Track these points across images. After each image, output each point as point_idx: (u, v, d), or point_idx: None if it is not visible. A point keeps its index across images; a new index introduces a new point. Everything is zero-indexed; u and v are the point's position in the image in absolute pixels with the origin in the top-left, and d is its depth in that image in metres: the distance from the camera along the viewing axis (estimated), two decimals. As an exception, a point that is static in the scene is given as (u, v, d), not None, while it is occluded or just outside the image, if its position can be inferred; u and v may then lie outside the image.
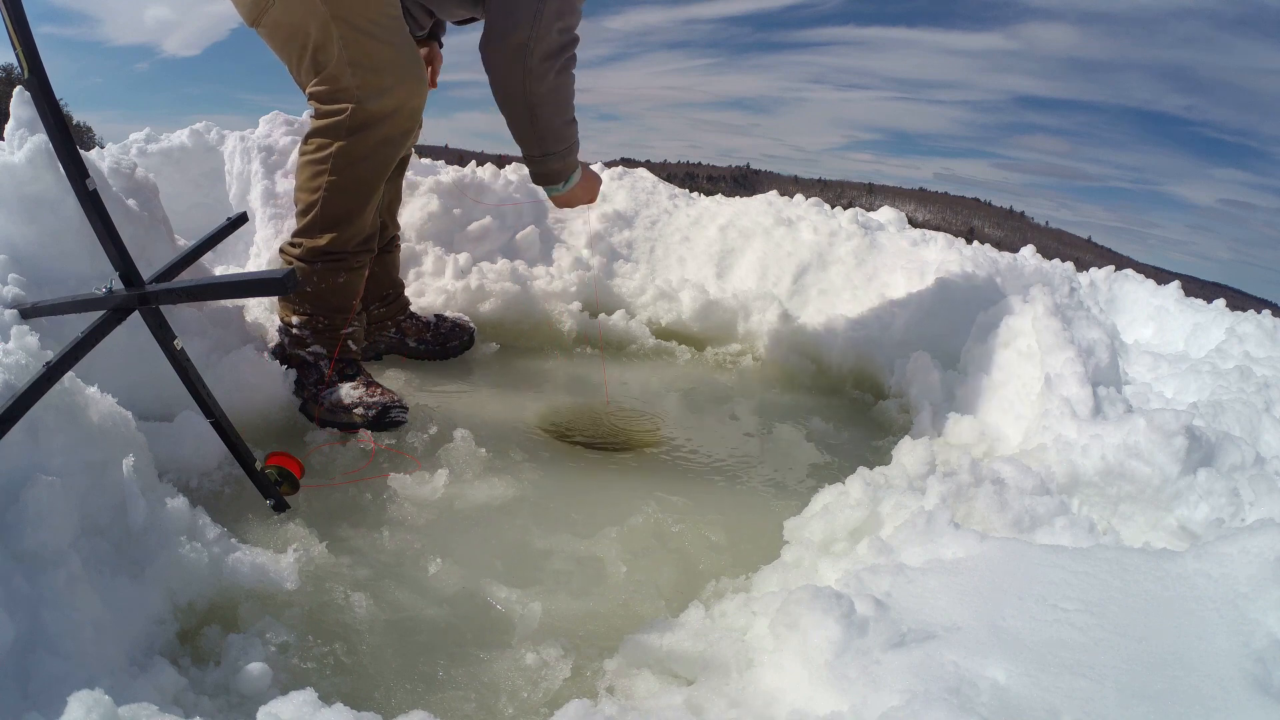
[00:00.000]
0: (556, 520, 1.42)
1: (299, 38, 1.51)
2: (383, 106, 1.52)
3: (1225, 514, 1.37)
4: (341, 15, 1.47)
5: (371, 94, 1.51)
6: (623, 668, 1.03)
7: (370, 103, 1.51)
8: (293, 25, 1.51)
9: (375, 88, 1.51)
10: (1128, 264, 4.60)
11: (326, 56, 1.50)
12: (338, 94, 1.52)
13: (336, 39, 1.48)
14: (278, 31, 1.55)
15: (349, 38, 1.48)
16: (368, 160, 1.57)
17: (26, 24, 1.02)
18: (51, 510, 0.89)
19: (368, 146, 1.55)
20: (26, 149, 1.31)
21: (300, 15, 1.49)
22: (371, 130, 1.54)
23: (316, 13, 1.47)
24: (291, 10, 1.49)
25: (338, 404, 1.62)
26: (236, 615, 1.05)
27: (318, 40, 1.49)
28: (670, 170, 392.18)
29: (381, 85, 1.51)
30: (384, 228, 2.01)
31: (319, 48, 1.50)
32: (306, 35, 1.50)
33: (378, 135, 1.55)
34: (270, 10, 1.52)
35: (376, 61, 1.50)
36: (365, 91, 1.51)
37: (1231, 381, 2.46)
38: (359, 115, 1.51)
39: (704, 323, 2.59)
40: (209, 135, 3.12)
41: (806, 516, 1.34)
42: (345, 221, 1.61)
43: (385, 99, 1.52)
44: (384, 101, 1.52)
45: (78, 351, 1.06)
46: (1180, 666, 0.79)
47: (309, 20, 1.48)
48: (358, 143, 1.54)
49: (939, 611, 0.92)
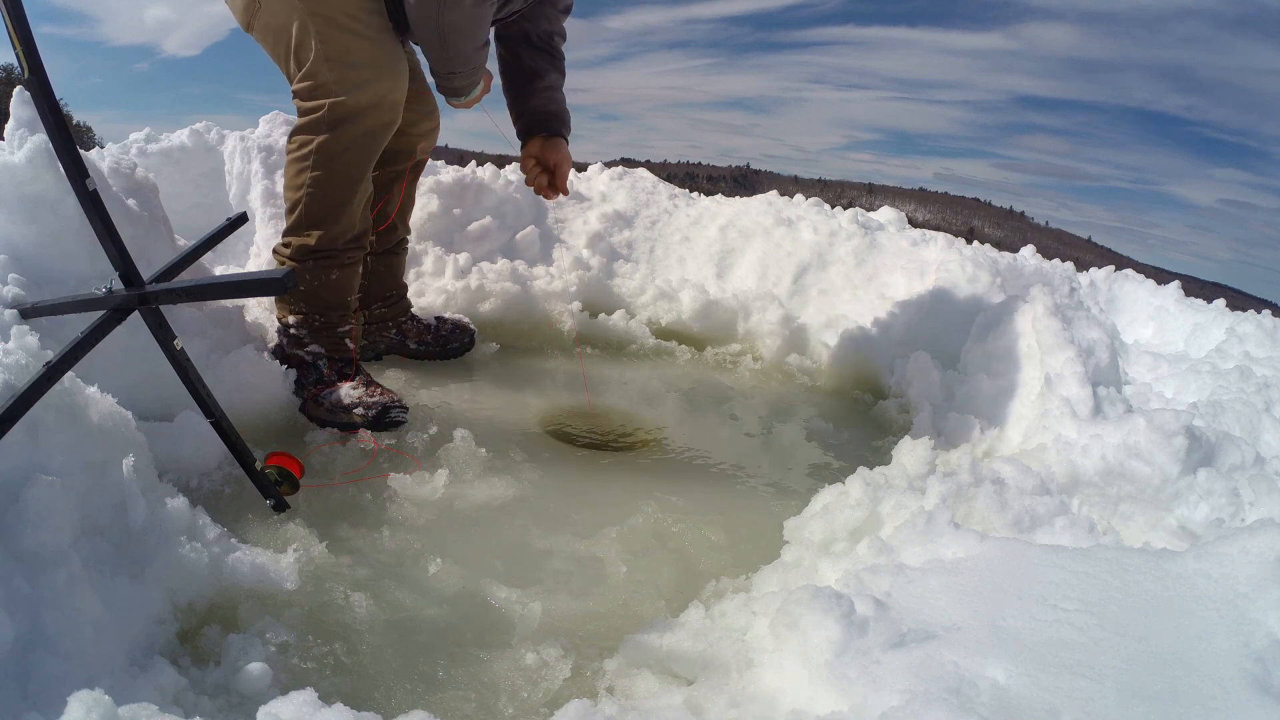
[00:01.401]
0: (556, 520, 1.42)
1: (284, 38, 1.54)
2: (360, 100, 1.53)
3: (1225, 514, 1.37)
4: (316, 11, 1.49)
5: (349, 88, 1.52)
6: (623, 668, 1.03)
7: (348, 96, 1.52)
8: (278, 26, 1.54)
9: (352, 82, 1.52)
10: (1128, 264, 4.60)
11: (306, 54, 1.52)
12: (317, 90, 1.53)
13: (313, 35, 1.50)
14: (266, 34, 1.58)
15: (325, 33, 1.50)
16: (349, 154, 1.57)
17: (26, 24, 1.02)
18: (51, 510, 0.89)
19: (348, 140, 1.56)
20: (26, 149, 1.31)
21: (283, 15, 1.52)
22: (351, 124, 1.54)
23: (294, 11, 1.50)
24: (275, 11, 1.52)
25: (337, 404, 1.62)
26: (236, 615, 1.05)
27: (297, 38, 1.52)
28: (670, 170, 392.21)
29: (359, 79, 1.52)
30: (393, 229, 2.02)
31: (299, 45, 1.52)
32: (289, 35, 1.52)
33: (358, 129, 1.55)
34: (259, 13, 1.55)
35: (354, 56, 1.52)
36: (342, 86, 1.52)
37: (1231, 381, 2.46)
38: (338, 110, 1.52)
39: (704, 323, 2.59)
40: (209, 135, 3.13)
41: (806, 516, 1.34)
42: (331, 218, 1.61)
43: (363, 93, 1.53)
44: (361, 95, 1.53)
45: (78, 351, 1.06)
46: (1180, 666, 0.79)
47: (290, 19, 1.51)
48: (338, 137, 1.54)
49: (939, 611, 0.92)
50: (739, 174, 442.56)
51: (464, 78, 1.73)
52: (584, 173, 3.46)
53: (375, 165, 1.94)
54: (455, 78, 1.72)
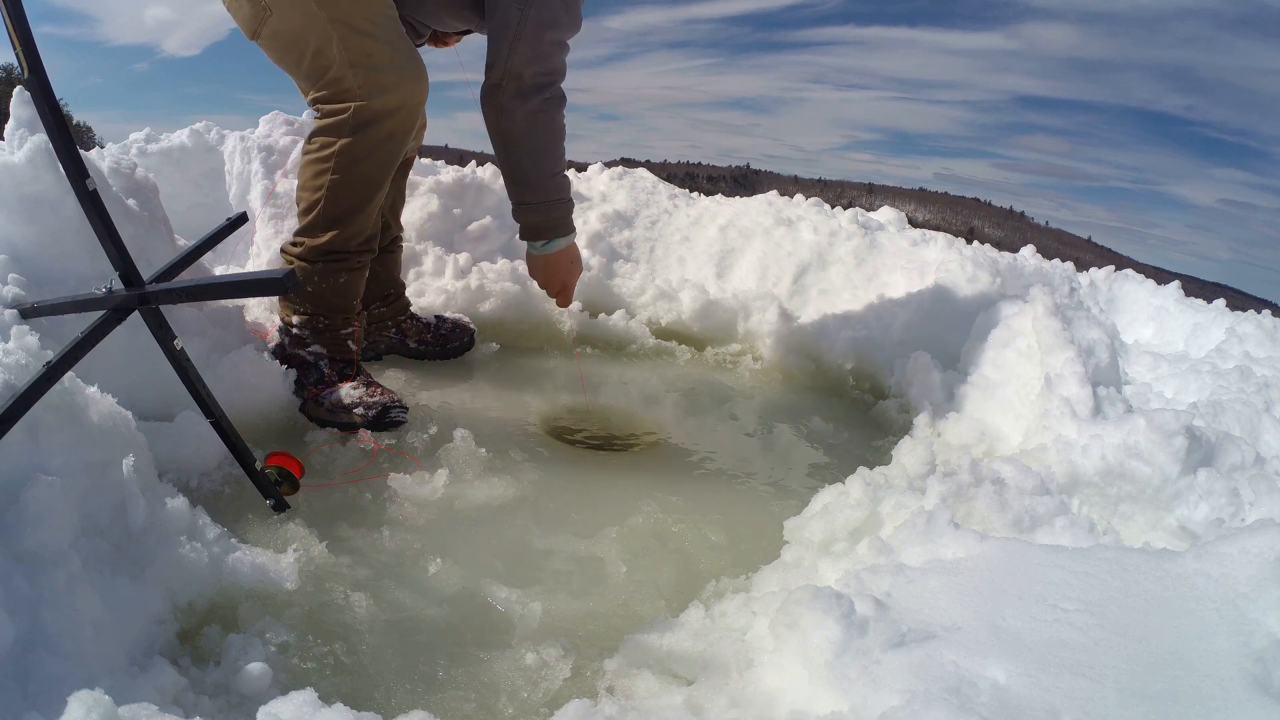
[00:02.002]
0: (556, 520, 1.42)
1: (298, 45, 1.54)
2: (385, 104, 1.54)
3: (1225, 514, 1.37)
4: (338, 17, 1.49)
5: (374, 92, 1.52)
6: (623, 668, 1.03)
7: (373, 100, 1.52)
8: (291, 33, 1.53)
9: (377, 86, 1.52)
10: (1128, 264, 4.61)
11: (327, 60, 1.52)
12: (341, 94, 1.53)
13: (336, 41, 1.50)
14: (276, 41, 1.58)
15: (347, 39, 1.50)
16: (371, 158, 1.58)
17: (26, 24, 1.01)
18: (51, 510, 0.89)
19: (371, 144, 1.56)
20: (26, 149, 1.31)
21: (298, 23, 1.51)
22: (374, 127, 1.55)
23: (314, 18, 1.49)
24: (289, 19, 1.52)
25: (338, 404, 1.62)
26: (236, 615, 1.05)
27: (317, 45, 1.52)
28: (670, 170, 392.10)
29: (383, 83, 1.53)
30: (387, 228, 2.01)
31: (318, 52, 1.52)
32: (305, 42, 1.52)
33: (381, 132, 1.56)
34: (269, 21, 1.54)
35: (376, 60, 1.52)
36: (368, 90, 1.52)
37: (1231, 381, 2.46)
38: (363, 113, 1.53)
39: (704, 323, 2.59)
40: (209, 135, 3.13)
41: (806, 516, 1.34)
42: (347, 220, 1.61)
43: (388, 96, 1.54)
44: (387, 99, 1.54)
45: (78, 351, 1.06)
46: (1180, 666, 0.79)
47: (307, 26, 1.50)
48: (361, 140, 1.55)
49: (939, 611, 0.92)
50: (739, 174, 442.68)
51: (536, 212, 1.66)
52: (584, 173, 3.46)
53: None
54: (525, 210, 1.66)
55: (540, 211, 1.69)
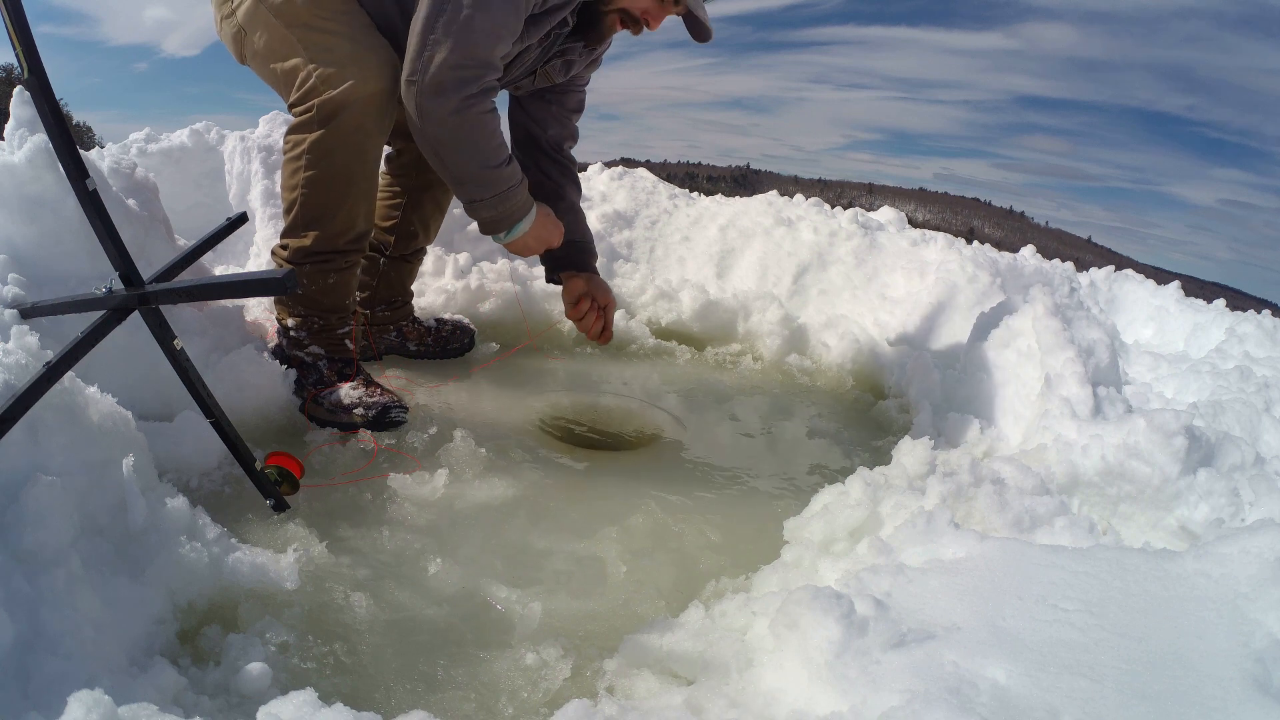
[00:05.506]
0: (556, 520, 1.42)
1: (272, 61, 1.58)
2: (348, 94, 1.52)
3: (1225, 514, 1.37)
4: (295, 22, 1.53)
5: (336, 83, 1.52)
6: (623, 668, 1.03)
7: (334, 91, 1.52)
8: (265, 49, 1.58)
9: (339, 77, 1.52)
10: (1128, 264, 4.61)
11: (294, 64, 1.55)
12: (309, 93, 1.54)
13: (299, 48, 1.54)
14: (257, 61, 1.63)
15: (307, 40, 1.53)
16: (342, 149, 1.56)
17: (26, 24, 1.02)
18: (51, 510, 0.89)
19: (340, 135, 1.55)
20: (26, 149, 1.31)
21: (267, 39, 1.56)
22: (341, 119, 1.53)
23: (275, 30, 1.54)
24: (259, 37, 1.57)
25: (337, 404, 1.62)
26: (236, 615, 1.05)
27: (286, 56, 1.55)
28: (670, 170, 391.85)
29: (344, 74, 1.52)
30: (414, 237, 2.03)
31: (289, 63, 1.55)
32: (279, 56, 1.56)
33: (349, 123, 1.54)
34: (247, 42, 1.60)
35: (336, 55, 1.53)
36: (327, 83, 1.52)
37: (1231, 382, 2.46)
38: (326, 106, 1.52)
39: (704, 323, 2.59)
40: (209, 135, 3.12)
41: (806, 516, 1.34)
42: (327, 217, 1.60)
43: (350, 86, 1.52)
44: (349, 89, 1.52)
45: (78, 351, 1.06)
46: (1180, 666, 0.79)
47: (274, 41, 1.56)
48: (331, 133, 1.54)
49: (939, 611, 0.92)
50: (739, 174, 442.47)
51: (487, 207, 1.57)
52: (584, 173, 3.46)
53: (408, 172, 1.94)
54: (477, 206, 1.58)
55: (490, 206, 1.58)
